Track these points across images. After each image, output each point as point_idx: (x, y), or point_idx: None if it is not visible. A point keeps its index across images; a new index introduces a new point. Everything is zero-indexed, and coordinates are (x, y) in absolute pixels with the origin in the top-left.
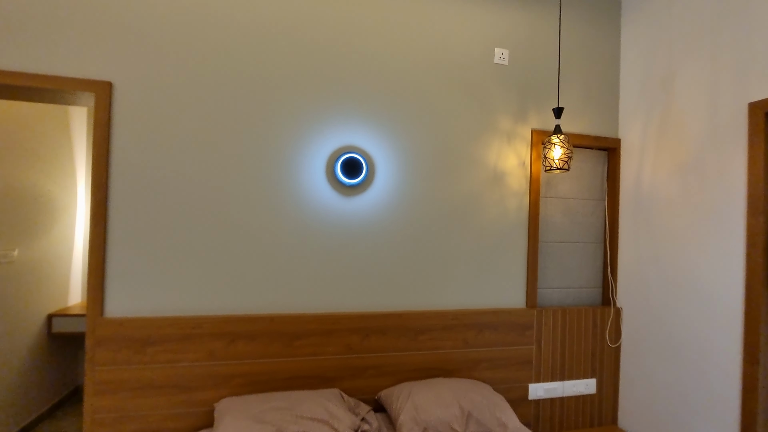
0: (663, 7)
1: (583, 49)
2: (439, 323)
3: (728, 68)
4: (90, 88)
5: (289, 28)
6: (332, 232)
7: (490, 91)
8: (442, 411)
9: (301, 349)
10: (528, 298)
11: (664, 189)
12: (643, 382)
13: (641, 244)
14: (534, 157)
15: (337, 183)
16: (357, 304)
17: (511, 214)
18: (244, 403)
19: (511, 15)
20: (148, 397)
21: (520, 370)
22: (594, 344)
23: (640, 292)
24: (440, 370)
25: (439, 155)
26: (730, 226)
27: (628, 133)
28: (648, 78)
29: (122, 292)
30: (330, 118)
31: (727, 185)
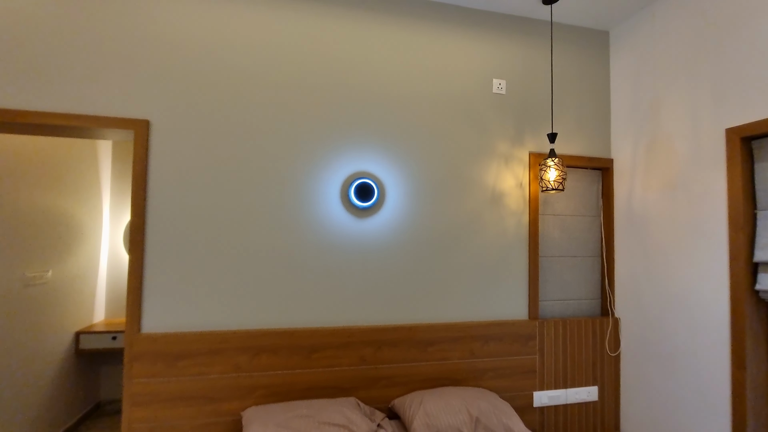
0: (647, 40)
1: (576, 77)
2: (447, 335)
3: (707, 96)
4: (129, 126)
5: (307, 67)
6: (346, 252)
7: (489, 118)
8: (452, 417)
9: (318, 361)
10: (530, 310)
11: (653, 206)
12: (643, 388)
13: (635, 258)
14: (532, 178)
15: (350, 206)
16: (370, 318)
17: (510, 232)
18: (268, 412)
19: (508, 48)
20: (179, 408)
21: (524, 378)
22: (594, 353)
23: (636, 302)
24: (449, 379)
25: (443, 178)
26: (714, 240)
27: (620, 154)
28: (636, 104)
29: (157, 310)
30: (344, 147)
31: (710, 203)
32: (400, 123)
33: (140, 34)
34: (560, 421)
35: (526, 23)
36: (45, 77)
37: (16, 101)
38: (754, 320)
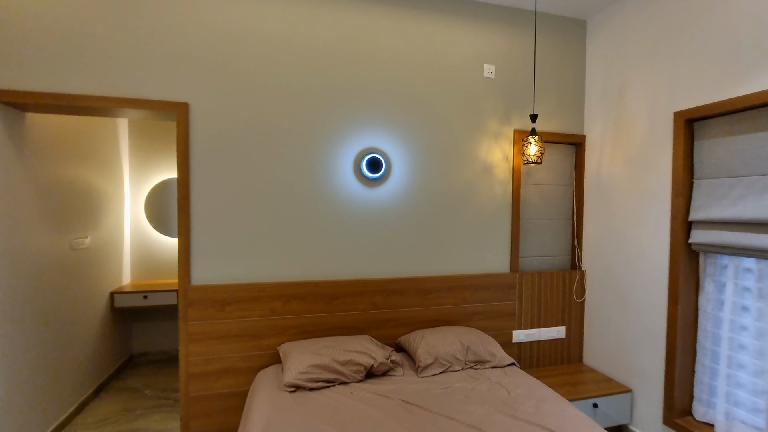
0: (618, 31)
1: (556, 62)
2: (444, 285)
3: (662, 84)
4: (172, 108)
5: (326, 56)
6: (360, 216)
7: (481, 99)
8: (448, 347)
9: (338, 306)
10: (512, 264)
11: (616, 176)
12: (601, 326)
13: (600, 220)
14: (516, 152)
15: (362, 177)
16: (380, 271)
17: (498, 198)
18: (301, 344)
19: (496, 35)
20: (227, 344)
21: (506, 320)
22: (563, 299)
23: (599, 257)
24: (444, 321)
25: (441, 152)
26: (660, 204)
27: (591, 131)
28: (606, 87)
29: (204, 265)
30: (356, 126)
31: (659, 173)
32: (405, 104)
33: (177, 24)
34: (534, 355)
35: (513, 12)
36: (97, 64)
37: (70, 86)
38: (686, 266)
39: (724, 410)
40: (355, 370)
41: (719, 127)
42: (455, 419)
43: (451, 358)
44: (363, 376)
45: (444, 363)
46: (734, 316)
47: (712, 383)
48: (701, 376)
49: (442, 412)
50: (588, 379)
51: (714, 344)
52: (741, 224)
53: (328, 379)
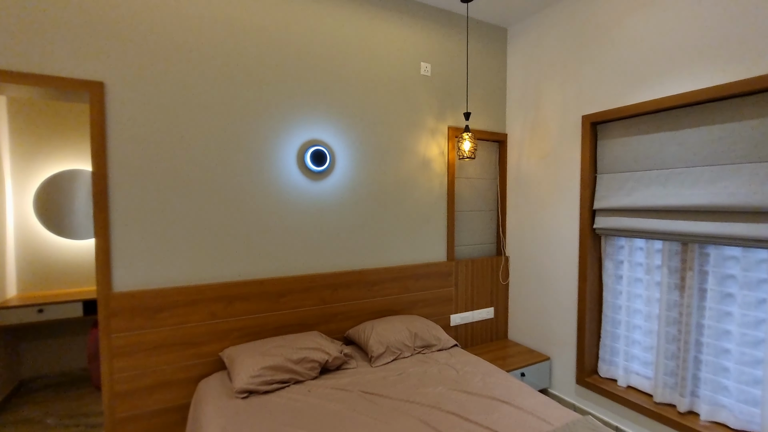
0: (535, 42)
1: (484, 65)
2: (388, 276)
3: (572, 91)
4: (83, 87)
5: (267, 45)
6: (305, 209)
7: (419, 96)
8: (397, 335)
9: (285, 304)
10: (448, 253)
11: (534, 171)
12: (523, 304)
13: (520, 210)
14: (450, 148)
15: (306, 170)
16: (328, 265)
17: (435, 191)
18: (248, 348)
19: (433, 36)
20: (161, 355)
21: (444, 305)
22: (492, 283)
23: (520, 243)
24: (390, 311)
25: (383, 146)
26: (571, 195)
27: (512, 130)
28: (525, 91)
29: (130, 269)
30: (300, 118)
31: (570, 168)
32: (348, 98)
33: None
34: (469, 335)
35: (448, 16)
36: None
37: None
38: (592, 248)
39: (623, 366)
40: (309, 368)
41: (617, 129)
42: (415, 402)
43: (401, 346)
44: (318, 372)
45: (395, 351)
46: (629, 288)
47: (614, 345)
48: (605, 339)
49: (402, 397)
50: (515, 353)
51: (614, 312)
52: (633, 211)
53: (283, 380)
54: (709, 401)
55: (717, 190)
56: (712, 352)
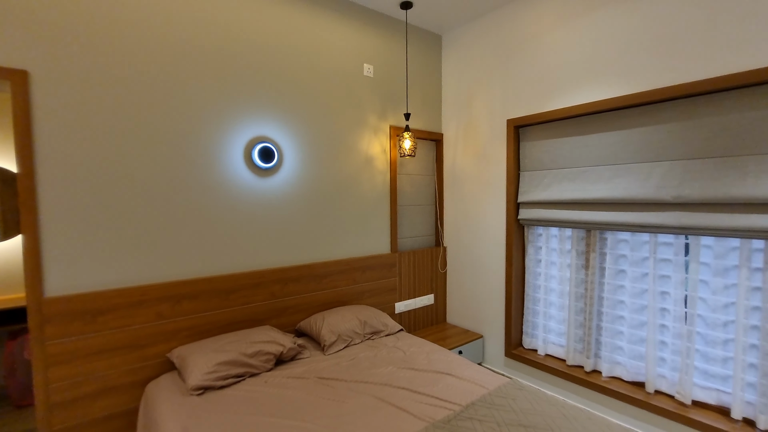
0: (465, 51)
1: (422, 69)
2: (336, 269)
3: (498, 97)
4: (4, 76)
5: (212, 36)
6: (254, 206)
7: (362, 96)
8: (348, 324)
9: (235, 300)
10: (392, 245)
11: (467, 168)
12: (459, 290)
13: (456, 204)
14: (392, 146)
15: (254, 166)
16: (278, 260)
17: (378, 187)
18: (200, 346)
19: (375, 38)
20: (105, 359)
21: (389, 294)
22: (432, 272)
23: (456, 234)
24: (339, 302)
25: (329, 144)
26: (499, 190)
27: (448, 130)
28: (458, 95)
29: (64, 271)
30: (246, 114)
31: (498, 167)
32: (295, 96)
33: None
34: (412, 320)
35: (389, 20)
36: None
37: None
38: (516, 236)
39: (542, 338)
40: (264, 360)
41: (536, 133)
42: (369, 382)
43: (351, 334)
44: (273, 364)
45: (346, 338)
46: (546, 270)
47: (534, 320)
48: (528, 316)
49: (356, 379)
50: (453, 334)
51: (535, 292)
52: (549, 203)
53: (238, 374)
54: (608, 360)
55: (613, 185)
56: (610, 319)
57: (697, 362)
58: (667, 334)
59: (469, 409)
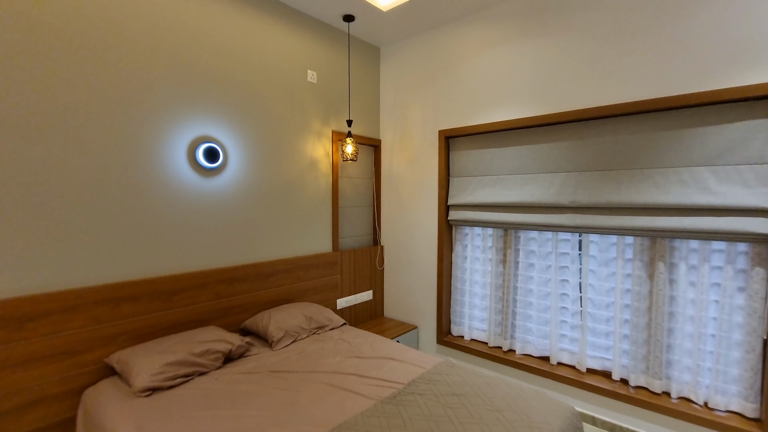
0: (401, 64)
1: (362, 80)
2: (282, 268)
3: (430, 109)
4: None
5: (155, 35)
6: (199, 206)
7: (306, 101)
8: (294, 320)
9: (179, 301)
10: (334, 244)
11: (402, 173)
12: (396, 285)
13: (392, 206)
14: (334, 150)
15: (198, 166)
16: (223, 260)
17: (322, 189)
18: (143, 349)
19: (319, 46)
20: (34, 369)
21: (331, 292)
22: (370, 269)
23: (392, 234)
24: (284, 300)
25: (274, 146)
26: (431, 193)
27: (385, 137)
28: (395, 104)
29: None
30: (190, 114)
31: (430, 172)
32: (240, 98)
33: None
34: (353, 316)
35: (333, 30)
36: None
37: None
38: (446, 235)
39: (467, 325)
40: (213, 359)
41: (463, 143)
42: (319, 371)
43: (298, 329)
44: (222, 362)
45: (293, 334)
46: (471, 265)
47: (461, 310)
48: (455, 306)
49: (307, 369)
50: (391, 326)
51: (461, 285)
52: (474, 206)
53: (187, 374)
54: (521, 340)
55: (524, 191)
56: (522, 305)
57: (589, 337)
58: (567, 315)
59: (410, 386)
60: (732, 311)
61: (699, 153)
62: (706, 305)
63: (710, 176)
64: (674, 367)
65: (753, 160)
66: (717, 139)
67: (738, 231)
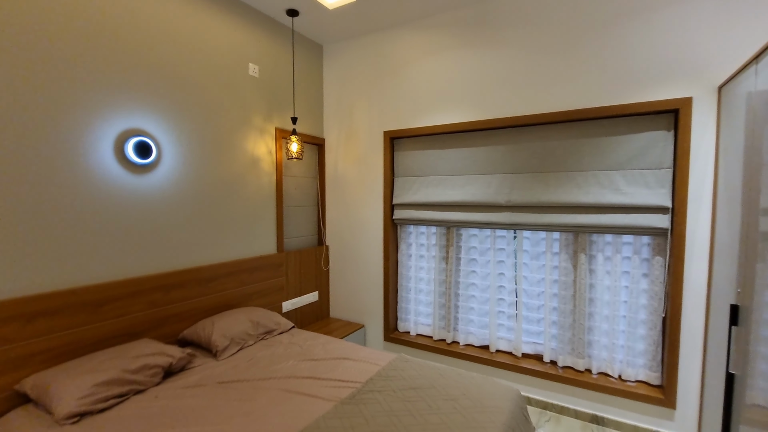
0: (346, 64)
1: (306, 76)
2: (224, 271)
3: (376, 111)
4: None
5: (78, 19)
6: (130, 206)
7: (248, 95)
8: (240, 326)
9: (107, 313)
10: (278, 246)
11: (348, 172)
12: (342, 285)
13: (338, 205)
14: (278, 148)
15: (128, 162)
16: (159, 265)
17: (265, 188)
18: (67, 369)
19: (262, 39)
20: None
21: (277, 294)
22: (316, 270)
23: (338, 233)
24: (227, 306)
25: (214, 142)
26: (377, 193)
27: (329, 136)
28: (339, 104)
29: None
30: (118, 105)
31: (376, 171)
32: (176, 89)
33: None
34: (299, 318)
35: (276, 24)
36: None
37: None
38: (391, 234)
39: (413, 320)
40: (151, 374)
41: (407, 144)
42: (273, 377)
43: (245, 336)
44: (161, 377)
45: (239, 341)
46: (416, 262)
47: (407, 306)
48: (401, 303)
49: (259, 377)
50: (337, 326)
51: (407, 282)
52: (418, 205)
53: (121, 393)
54: (464, 332)
55: (465, 191)
56: (464, 299)
57: (524, 324)
58: (504, 306)
59: (368, 384)
60: (638, 294)
61: (612, 159)
62: (619, 290)
63: (621, 179)
64: (594, 347)
65: (654, 166)
66: (627, 146)
67: (643, 225)
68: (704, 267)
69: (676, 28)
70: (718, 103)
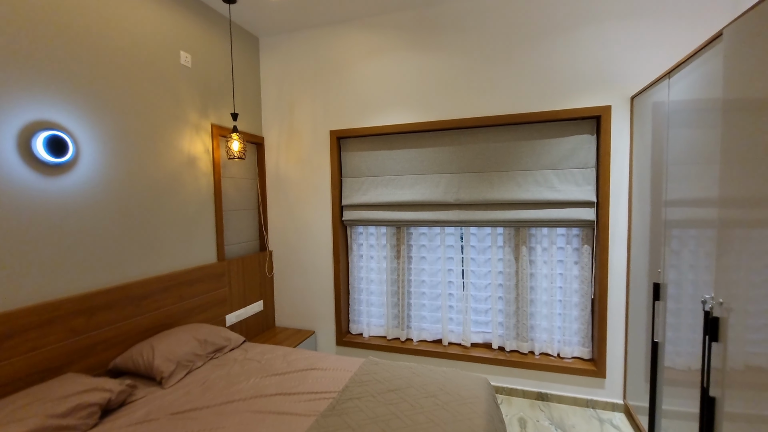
0: (285, 59)
1: (243, 70)
2: (159, 286)
3: (320, 109)
4: None
5: None
6: (40, 213)
7: (180, 87)
8: (185, 346)
9: (14, 349)
10: (219, 253)
11: (292, 173)
12: (288, 292)
13: (281, 208)
14: (215, 146)
15: (36, 162)
16: (80, 285)
17: (203, 191)
18: None
19: (194, 25)
20: None
21: (220, 307)
22: (260, 277)
23: (282, 237)
24: (164, 325)
25: (144, 139)
26: (324, 194)
27: (269, 134)
28: (279, 101)
29: None
30: (19, 90)
31: (322, 172)
32: (96, 78)
33: None
34: (244, 331)
35: (210, 11)
36: None
37: None
38: (341, 236)
39: (365, 322)
40: (86, 415)
41: (355, 144)
42: (236, 399)
43: (192, 357)
44: (98, 417)
45: (187, 364)
46: (367, 263)
47: (359, 308)
48: (353, 306)
49: (220, 401)
50: (286, 336)
51: (358, 284)
52: (368, 206)
53: None
54: (417, 328)
55: (415, 191)
56: (416, 296)
57: (472, 315)
58: (453, 300)
59: (345, 392)
60: (571, 280)
61: (547, 159)
62: (555, 278)
63: (555, 177)
64: (536, 330)
65: (581, 165)
66: (558, 148)
67: (574, 219)
68: (624, 252)
69: (595, 45)
70: (631, 111)
